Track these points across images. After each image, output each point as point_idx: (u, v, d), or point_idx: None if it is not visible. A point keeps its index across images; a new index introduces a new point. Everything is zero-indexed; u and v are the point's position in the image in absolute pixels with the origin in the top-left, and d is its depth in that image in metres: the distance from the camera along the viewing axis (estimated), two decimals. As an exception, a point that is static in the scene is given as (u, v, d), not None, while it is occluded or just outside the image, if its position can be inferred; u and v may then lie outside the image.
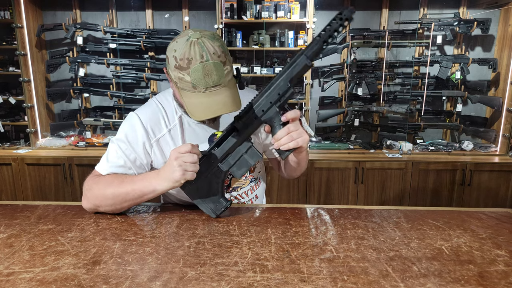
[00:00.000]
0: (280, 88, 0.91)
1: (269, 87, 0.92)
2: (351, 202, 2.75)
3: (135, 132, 1.04)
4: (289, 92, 0.92)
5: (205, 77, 0.90)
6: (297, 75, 0.90)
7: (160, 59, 3.08)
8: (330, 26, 0.86)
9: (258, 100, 0.93)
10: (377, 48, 3.01)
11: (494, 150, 2.92)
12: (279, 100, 0.92)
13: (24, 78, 2.86)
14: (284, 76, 0.91)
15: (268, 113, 0.93)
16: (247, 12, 2.81)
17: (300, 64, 0.89)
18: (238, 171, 0.99)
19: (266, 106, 0.93)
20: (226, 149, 0.97)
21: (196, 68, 0.89)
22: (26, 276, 0.71)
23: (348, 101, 3.09)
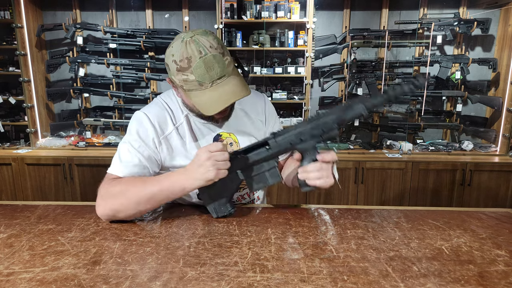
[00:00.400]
0: (327, 126, 0.91)
1: (315, 119, 0.92)
2: (351, 202, 2.75)
3: (144, 128, 1.04)
4: (333, 133, 0.92)
5: (208, 71, 0.90)
6: (348, 120, 0.91)
7: (160, 59, 3.08)
8: (401, 88, 0.85)
9: (300, 127, 0.93)
10: (377, 48, 3.01)
11: (494, 150, 2.92)
12: (321, 136, 0.93)
13: (24, 78, 2.86)
14: (334, 116, 0.91)
15: (305, 144, 0.93)
16: (247, 12, 2.81)
17: (356, 111, 0.89)
18: (254, 184, 0.99)
19: (306, 137, 0.93)
20: (251, 160, 0.96)
21: (197, 64, 0.89)
22: (26, 276, 0.71)
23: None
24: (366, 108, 0.88)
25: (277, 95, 2.94)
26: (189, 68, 0.90)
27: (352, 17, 3.04)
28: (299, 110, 3.05)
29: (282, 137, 0.94)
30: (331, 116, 0.91)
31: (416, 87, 0.85)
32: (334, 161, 0.96)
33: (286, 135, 0.94)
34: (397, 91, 0.86)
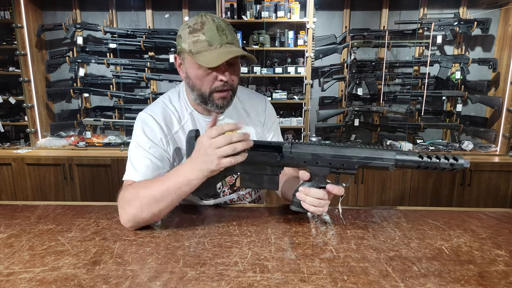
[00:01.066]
0: (348, 163, 0.87)
1: (340, 148, 0.87)
2: (351, 202, 2.75)
3: (151, 128, 1.03)
4: (351, 172, 0.88)
5: (220, 34, 0.94)
6: (371, 167, 0.86)
7: (160, 59, 3.08)
8: (437, 160, 0.80)
9: (321, 150, 0.88)
10: (377, 48, 3.01)
11: (494, 150, 2.92)
12: (337, 169, 0.88)
13: (24, 78, 2.86)
14: (361, 156, 0.85)
15: (319, 169, 0.89)
16: (247, 12, 2.81)
17: (383, 163, 0.84)
18: (248, 182, 0.94)
19: (323, 163, 0.88)
20: (257, 158, 0.91)
21: (210, 27, 0.94)
22: (26, 276, 0.71)
23: (348, 101, 3.09)
24: (395, 164, 0.83)
25: (277, 95, 2.94)
26: (202, 30, 0.94)
27: (352, 17, 3.04)
28: (299, 110, 3.05)
29: (298, 152, 0.89)
30: (358, 155, 0.86)
31: (452, 169, 0.79)
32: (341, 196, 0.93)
33: (303, 152, 0.88)
34: (433, 161, 0.80)
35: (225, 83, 0.98)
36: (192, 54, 0.95)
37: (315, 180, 0.91)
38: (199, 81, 0.99)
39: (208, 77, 0.98)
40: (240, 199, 1.19)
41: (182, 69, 1.03)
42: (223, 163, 0.83)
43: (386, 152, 0.84)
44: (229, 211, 1.06)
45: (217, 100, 1.01)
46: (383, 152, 0.84)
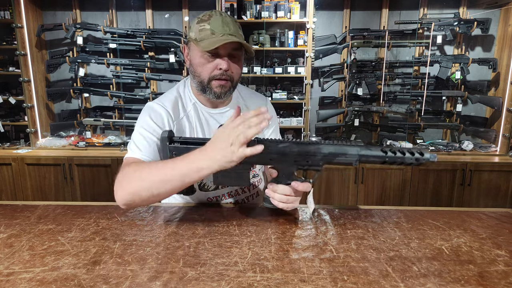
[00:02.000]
0: (313, 160, 0.87)
1: (305, 145, 0.87)
2: (351, 202, 2.75)
3: (157, 113, 1.06)
4: (316, 169, 0.88)
5: (223, 26, 1.00)
6: (335, 163, 0.86)
7: (160, 59, 3.08)
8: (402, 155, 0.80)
9: (286, 147, 0.87)
10: (377, 48, 3.01)
11: (494, 150, 2.92)
12: (303, 166, 0.89)
13: (24, 78, 2.86)
14: (325, 153, 0.86)
15: (285, 165, 0.89)
16: (247, 12, 2.81)
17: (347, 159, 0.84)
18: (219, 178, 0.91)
19: (288, 160, 0.88)
20: None
21: (215, 18, 1.01)
22: (26, 276, 0.71)
23: (348, 101, 3.09)
24: (358, 159, 0.84)
25: (277, 95, 2.94)
26: (208, 20, 1.01)
27: (352, 17, 3.04)
28: (299, 110, 3.05)
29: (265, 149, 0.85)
30: (322, 151, 0.86)
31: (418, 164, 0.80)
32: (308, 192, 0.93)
33: (269, 149, 0.87)
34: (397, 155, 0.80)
35: (224, 72, 1.03)
36: (196, 41, 1.02)
37: (282, 177, 0.91)
38: (200, 67, 1.04)
39: (208, 64, 1.03)
40: (239, 193, 1.21)
41: (188, 58, 1.09)
42: (247, 151, 0.79)
43: (350, 148, 0.85)
44: (229, 211, 1.06)
45: (215, 88, 1.05)
46: (347, 148, 0.85)
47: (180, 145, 0.96)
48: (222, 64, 1.02)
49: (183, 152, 0.90)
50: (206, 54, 1.01)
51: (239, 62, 1.06)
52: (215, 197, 1.18)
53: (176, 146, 0.95)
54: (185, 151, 0.89)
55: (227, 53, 1.02)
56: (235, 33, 1.01)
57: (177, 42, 2.89)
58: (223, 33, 0.99)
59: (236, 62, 1.05)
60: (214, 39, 0.99)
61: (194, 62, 1.05)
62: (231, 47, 1.02)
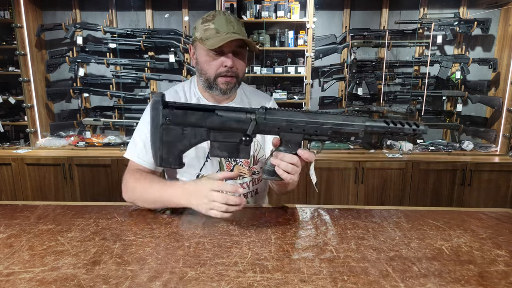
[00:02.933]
0: (321, 129, 0.88)
1: (313, 115, 0.88)
2: (351, 202, 2.75)
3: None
4: (323, 139, 0.89)
5: (227, 24, 1.04)
6: (342, 134, 0.87)
7: (160, 59, 3.08)
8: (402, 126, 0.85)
9: (294, 116, 0.87)
10: (377, 48, 3.01)
11: (494, 150, 2.92)
12: (310, 135, 0.89)
13: (24, 78, 2.86)
14: (334, 122, 0.87)
15: (292, 136, 0.88)
16: (247, 12, 2.81)
17: (354, 129, 0.87)
18: (217, 150, 0.89)
19: (297, 130, 0.88)
20: (228, 124, 0.86)
21: (219, 18, 1.06)
22: (26, 276, 0.71)
23: (348, 101, 3.09)
24: (364, 130, 0.86)
25: (277, 95, 2.94)
26: (212, 20, 1.06)
27: (352, 17, 3.03)
28: (299, 110, 3.04)
29: (273, 118, 0.87)
30: (329, 121, 0.87)
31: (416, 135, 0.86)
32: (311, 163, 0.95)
33: (277, 118, 0.87)
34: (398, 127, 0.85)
35: (229, 69, 1.07)
36: (202, 41, 1.06)
37: (288, 147, 0.90)
38: (206, 65, 1.08)
39: (214, 62, 1.07)
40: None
41: (194, 57, 1.14)
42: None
43: (357, 118, 0.88)
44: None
45: (221, 84, 1.09)
46: (354, 118, 0.88)
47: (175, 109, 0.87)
48: (227, 62, 1.06)
49: (178, 117, 0.86)
50: (212, 52, 1.06)
51: (243, 59, 1.11)
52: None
53: (171, 111, 0.86)
54: (181, 115, 0.86)
55: (231, 50, 1.06)
56: (239, 31, 1.05)
57: (177, 42, 2.89)
58: (227, 31, 1.03)
59: (240, 59, 1.10)
60: (219, 37, 1.03)
61: (200, 61, 1.10)
62: (235, 45, 1.06)
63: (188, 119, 0.86)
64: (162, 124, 0.86)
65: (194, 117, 0.86)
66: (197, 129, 0.87)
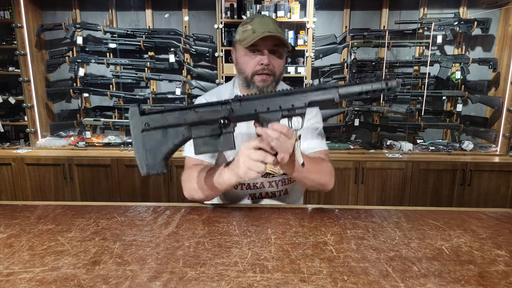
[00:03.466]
0: (297, 102, 0.87)
1: (286, 92, 0.88)
2: (351, 202, 2.75)
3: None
4: (302, 111, 0.88)
5: (263, 25, 1.09)
6: (318, 103, 0.88)
7: (160, 59, 3.08)
8: (372, 84, 0.85)
9: (269, 96, 0.87)
10: (377, 48, 3.01)
11: (494, 150, 2.92)
12: (288, 111, 0.87)
13: (24, 78, 2.86)
14: (307, 94, 0.87)
15: (270, 115, 0.87)
16: (247, 11, 2.81)
17: (328, 94, 0.87)
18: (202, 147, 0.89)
19: (274, 108, 0.87)
20: (206, 117, 0.87)
21: (257, 19, 1.12)
22: (26, 276, 0.71)
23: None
24: (339, 95, 0.86)
25: (277, 95, 2.93)
26: (251, 22, 1.12)
27: (352, 17, 3.03)
28: (299, 110, 3.04)
29: (249, 102, 0.87)
30: (304, 94, 0.87)
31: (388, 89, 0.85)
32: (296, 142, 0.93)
33: (252, 101, 0.87)
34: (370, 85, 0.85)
35: (266, 67, 1.11)
36: (240, 42, 1.13)
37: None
38: (244, 65, 1.14)
39: (251, 61, 1.12)
40: (264, 186, 1.22)
41: (235, 59, 1.20)
42: (250, 175, 0.89)
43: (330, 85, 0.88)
44: (229, 211, 1.06)
45: (258, 82, 1.13)
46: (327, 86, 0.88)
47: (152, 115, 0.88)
48: (263, 59, 1.10)
49: (157, 120, 0.87)
50: (249, 52, 1.12)
51: (280, 57, 1.14)
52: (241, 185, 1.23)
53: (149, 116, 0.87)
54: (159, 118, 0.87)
55: (267, 49, 1.11)
56: (274, 31, 1.09)
57: (177, 42, 2.89)
58: (263, 31, 1.07)
59: (277, 58, 1.13)
60: (254, 36, 1.08)
61: (239, 61, 1.16)
62: (271, 44, 1.10)
63: (167, 120, 0.87)
64: (142, 130, 0.87)
65: (172, 116, 0.87)
66: (178, 129, 0.88)
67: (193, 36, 2.96)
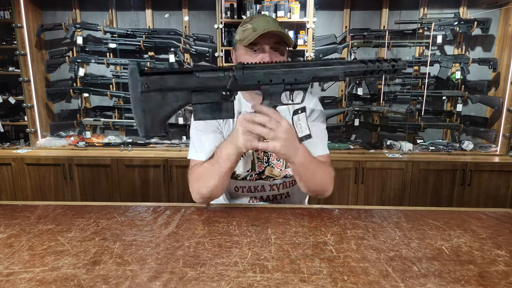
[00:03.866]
0: (301, 76, 0.85)
1: (292, 64, 0.86)
2: (351, 202, 2.75)
3: None
4: (305, 86, 0.86)
5: (263, 23, 1.06)
6: (323, 79, 0.87)
7: (160, 59, 3.08)
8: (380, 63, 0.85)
9: (273, 67, 0.86)
10: (377, 48, 3.01)
11: (494, 150, 2.92)
12: (291, 85, 0.86)
13: (23, 78, 2.86)
14: (312, 69, 0.85)
15: (273, 87, 0.86)
16: (247, 11, 2.81)
17: (334, 72, 0.86)
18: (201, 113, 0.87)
19: (276, 80, 0.85)
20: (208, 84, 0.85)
21: (256, 18, 1.10)
22: (26, 276, 0.71)
23: (348, 101, 3.09)
24: (344, 72, 0.86)
25: (277, 95, 2.93)
26: (250, 21, 1.09)
27: (352, 17, 3.03)
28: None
29: (251, 71, 0.85)
30: (308, 68, 0.85)
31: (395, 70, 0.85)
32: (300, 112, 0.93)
33: (255, 71, 0.85)
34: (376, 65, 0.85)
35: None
36: (240, 41, 1.09)
37: (270, 100, 0.87)
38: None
39: (252, 60, 1.08)
40: (265, 189, 1.21)
41: (234, 60, 1.17)
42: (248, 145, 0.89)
43: (335, 62, 0.87)
44: (229, 211, 1.06)
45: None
46: (333, 62, 0.87)
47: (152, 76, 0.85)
48: (264, 57, 1.07)
49: (157, 83, 0.84)
50: (250, 51, 1.09)
51: (282, 55, 1.12)
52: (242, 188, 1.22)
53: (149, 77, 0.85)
54: (159, 80, 0.84)
55: (269, 47, 1.08)
56: (276, 28, 1.07)
57: (177, 42, 2.89)
58: (264, 28, 1.05)
59: (279, 56, 1.10)
60: (255, 34, 1.05)
61: (240, 61, 1.11)
62: (272, 41, 1.08)
63: (167, 83, 0.84)
64: (141, 91, 0.84)
65: (172, 80, 0.84)
66: (178, 93, 0.85)
67: (193, 36, 2.96)
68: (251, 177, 1.20)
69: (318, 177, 1.06)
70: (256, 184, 1.21)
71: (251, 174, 1.20)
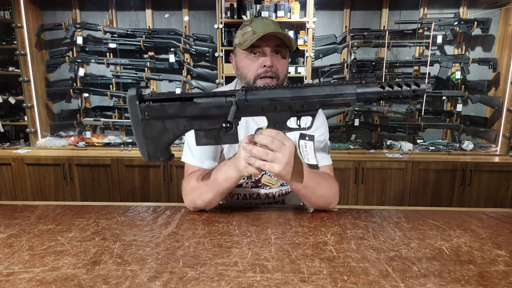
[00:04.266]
0: (309, 103, 0.79)
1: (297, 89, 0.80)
2: (351, 202, 2.75)
3: None
4: (312, 113, 0.81)
5: (263, 25, 1.03)
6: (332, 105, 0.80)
7: (160, 59, 3.08)
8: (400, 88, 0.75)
9: (278, 93, 0.80)
10: (377, 48, 3.01)
11: (494, 150, 2.92)
12: (297, 112, 0.80)
13: (23, 78, 2.86)
14: (321, 95, 0.79)
15: (278, 115, 0.81)
16: (247, 12, 2.81)
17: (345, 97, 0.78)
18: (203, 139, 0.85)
19: (282, 108, 0.80)
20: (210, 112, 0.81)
21: (256, 21, 1.06)
22: (26, 276, 0.71)
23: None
24: (357, 98, 0.77)
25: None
26: (250, 24, 1.07)
27: (352, 17, 3.04)
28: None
29: (254, 98, 0.80)
30: (318, 93, 0.79)
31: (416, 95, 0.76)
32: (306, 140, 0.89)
33: (259, 97, 0.80)
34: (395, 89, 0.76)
35: (269, 68, 1.04)
36: (240, 45, 1.06)
37: (276, 127, 0.83)
38: (246, 69, 1.07)
39: (253, 64, 1.06)
40: (260, 197, 1.20)
41: (235, 65, 1.14)
42: (249, 170, 0.87)
43: (347, 87, 0.78)
44: (229, 211, 1.06)
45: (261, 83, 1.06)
46: (344, 87, 0.78)
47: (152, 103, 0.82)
48: (265, 61, 1.04)
49: (156, 111, 0.81)
50: (251, 55, 1.06)
51: (283, 59, 1.08)
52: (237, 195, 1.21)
53: (148, 105, 0.82)
54: (159, 109, 0.81)
55: (269, 50, 1.04)
56: (276, 29, 1.03)
57: (177, 42, 2.89)
58: (264, 31, 1.01)
59: (279, 59, 1.07)
60: (255, 36, 1.02)
61: (240, 65, 1.09)
62: (273, 44, 1.04)
63: (167, 112, 0.82)
64: (142, 119, 0.82)
65: (172, 108, 0.81)
66: (178, 120, 0.83)
67: (193, 36, 2.96)
68: (247, 185, 1.19)
69: (320, 193, 1.02)
70: (251, 192, 1.20)
71: (247, 182, 1.19)
